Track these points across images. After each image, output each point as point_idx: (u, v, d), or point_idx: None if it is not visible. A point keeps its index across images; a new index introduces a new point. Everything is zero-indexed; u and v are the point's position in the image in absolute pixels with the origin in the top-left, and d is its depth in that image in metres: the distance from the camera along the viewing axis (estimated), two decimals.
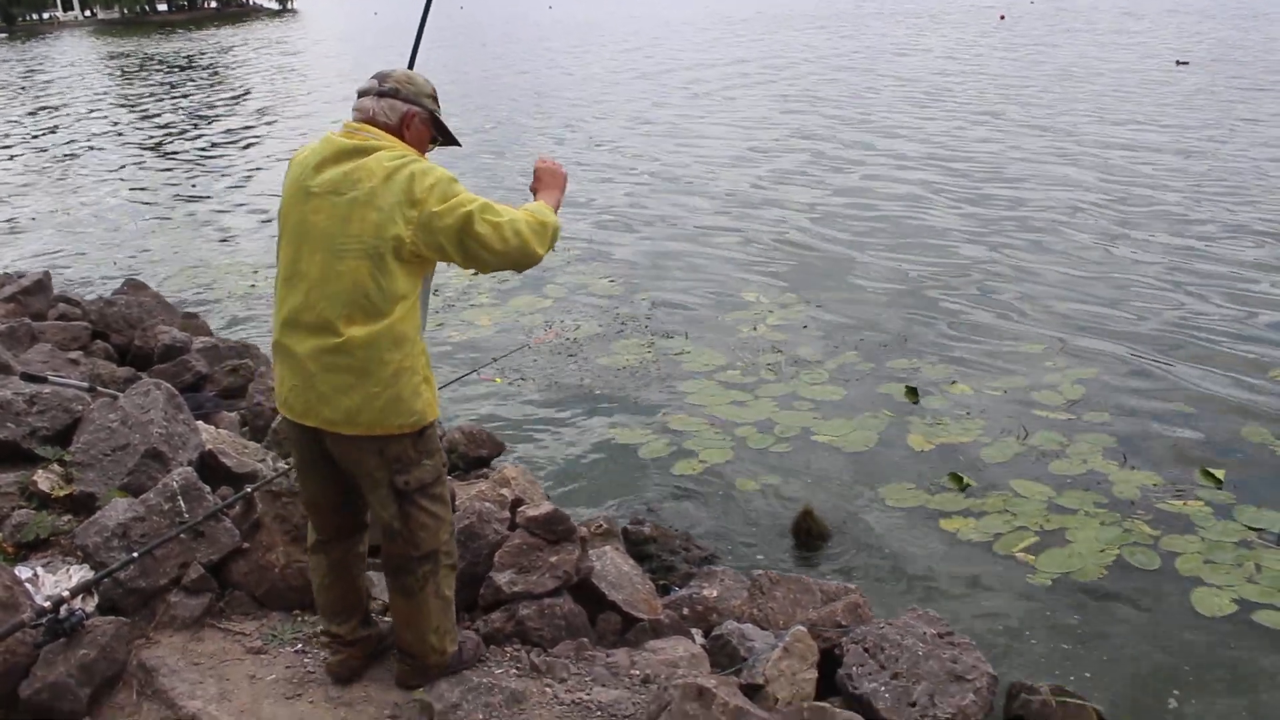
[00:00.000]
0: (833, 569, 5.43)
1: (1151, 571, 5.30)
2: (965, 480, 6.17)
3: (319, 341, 3.19)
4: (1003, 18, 41.14)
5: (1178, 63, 24.85)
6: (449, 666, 3.67)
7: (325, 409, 3.23)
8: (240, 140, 19.54)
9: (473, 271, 3.42)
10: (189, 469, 4.32)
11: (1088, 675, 4.61)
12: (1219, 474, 6.14)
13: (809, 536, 5.69)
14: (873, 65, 26.31)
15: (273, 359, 3.38)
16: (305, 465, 3.52)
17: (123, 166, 17.65)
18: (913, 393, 7.34)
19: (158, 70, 32.59)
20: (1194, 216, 11.62)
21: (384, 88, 3.35)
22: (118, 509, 4.08)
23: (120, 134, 21.05)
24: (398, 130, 3.34)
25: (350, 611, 3.69)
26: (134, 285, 9.02)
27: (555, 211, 3.46)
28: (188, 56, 36.24)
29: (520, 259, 3.30)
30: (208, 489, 4.30)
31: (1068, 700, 4.12)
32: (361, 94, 3.39)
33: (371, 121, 3.33)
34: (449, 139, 3.56)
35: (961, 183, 13.64)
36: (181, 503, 4.14)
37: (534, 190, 3.60)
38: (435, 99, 3.48)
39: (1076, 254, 10.48)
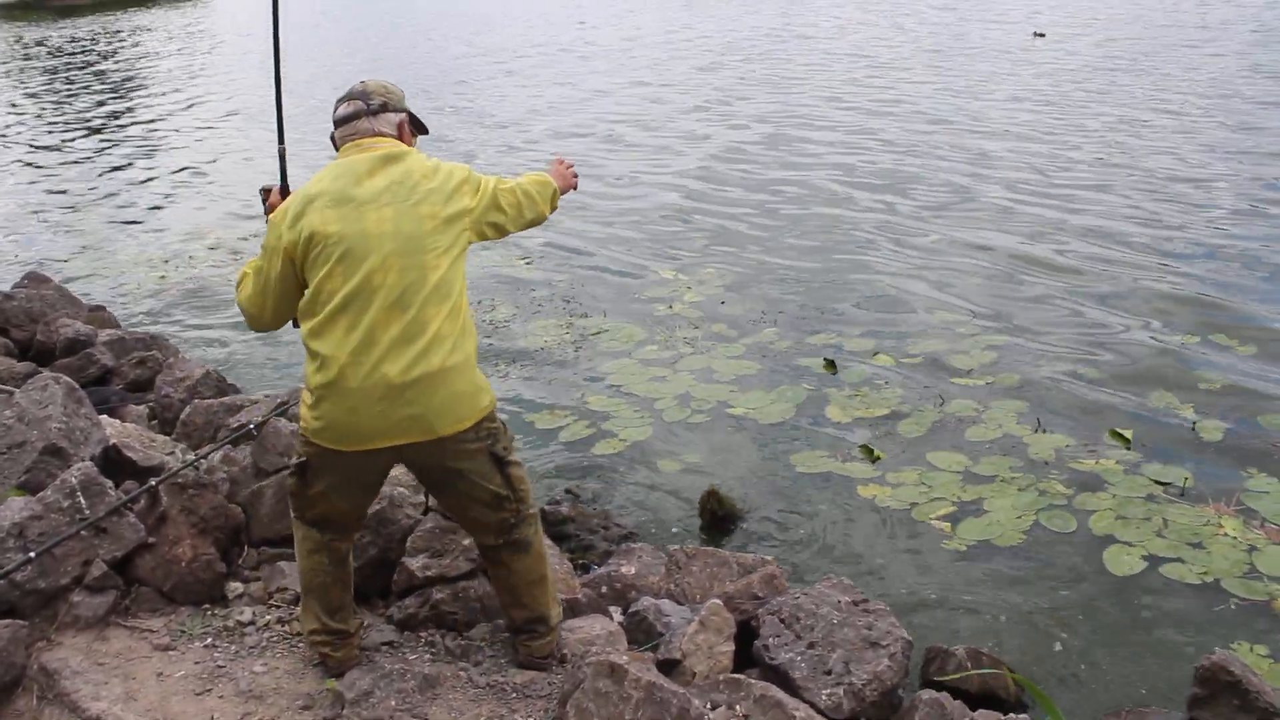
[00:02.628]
0: (750, 541, 5.45)
1: (1066, 534, 5.39)
2: (876, 453, 6.23)
3: (410, 352, 3.21)
4: None
5: (1035, 34, 24.61)
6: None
7: (420, 422, 3.26)
8: (144, 131, 19.04)
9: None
10: (89, 464, 4.20)
11: (1004, 637, 4.69)
12: (1128, 434, 6.27)
13: (715, 517, 5.61)
14: (734, 38, 26.43)
15: (325, 396, 3.28)
16: (345, 485, 3.49)
17: (19, 158, 17.13)
18: (831, 364, 7.40)
19: (56, 58, 31.64)
20: (1081, 190, 11.77)
21: (373, 105, 3.50)
22: (13, 508, 3.95)
23: (16, 124, 20.44)
24: (397, 139, 3.52)
25: (349, 605, 3.71)
26: (35, 278, 8.75)
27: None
28: (89, 44, 35.21)
29: (533, 218, 3.73)
30: (110, 484, 4.18)
31: (984, 661, 4.18)
32: (350, 117, 3.50)
33: (376, 135, 3.48)
34: (423, 129, 3.74)
35: (857, 157, 13.66)
36: (81, 499, 4.03)
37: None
38: (403, 97, 3.65)
39: (980, 226, 10.59)
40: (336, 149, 3.54)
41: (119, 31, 39.13)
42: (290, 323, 3.58)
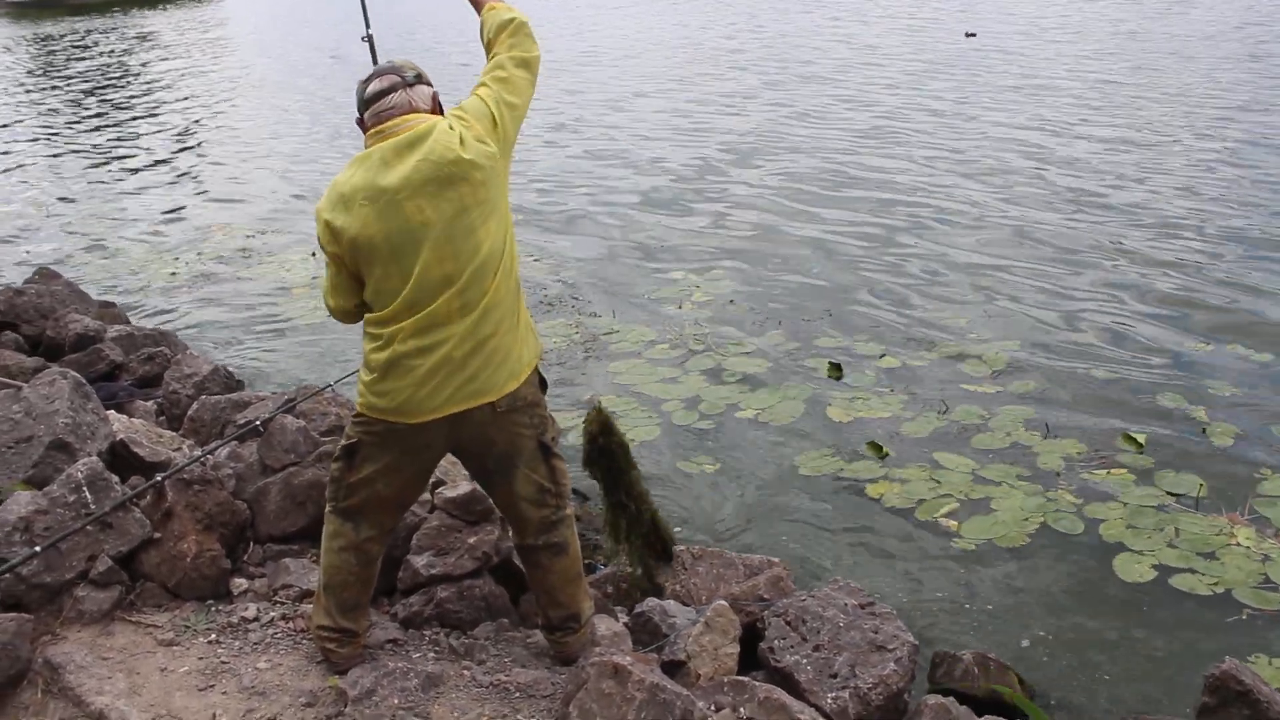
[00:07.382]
0: (757, 542, 5.43)
1: (1075, 538, 5.36)
2: (884, 450, 6.20)
3: (469, 321, 3.29)
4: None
5: (966, 34, 24.04)
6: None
7: (478, 390, 3.33)
8: (156, 128, 19.09)
9: None
10: (94, 459, 4.19)
11: (1011, 641, 4.66)
12: (1140, 438, 6.22)
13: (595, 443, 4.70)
14: (715, 42, 26.30)
15: (384, 371, 3.33)
16: (394, 467, 3.48)
17: (31, 155, 17.20)
18: (836, 368, 7.36)
19: (69, 55, 31.80)
20: (1090, 194, 11.71)
21: (408, 77, 3.41)
22: (20, 502, 3.95)
23: (28, 121, 20.53)
24: (431, 113, 3.43)
25: (364, 606, 3.71)
26: (45, 274, 8.78)
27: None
28: (102, 41, 35.37)
29: (533, 76, 3.58)
30: (115, 479, 4.17)
31: (991, 666, 4.16)
32: (385, 91, 3.37)
33: (413, 111, 3.37)
34: (441, 111, 3.65)
35: (867, 160, 13.61)
36: (87, 494, 4.02)
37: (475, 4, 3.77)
38: None
39: (991, 232, 10.53)
40: (364, 132, 3.42)
41: (131, 30, 39.27)
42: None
